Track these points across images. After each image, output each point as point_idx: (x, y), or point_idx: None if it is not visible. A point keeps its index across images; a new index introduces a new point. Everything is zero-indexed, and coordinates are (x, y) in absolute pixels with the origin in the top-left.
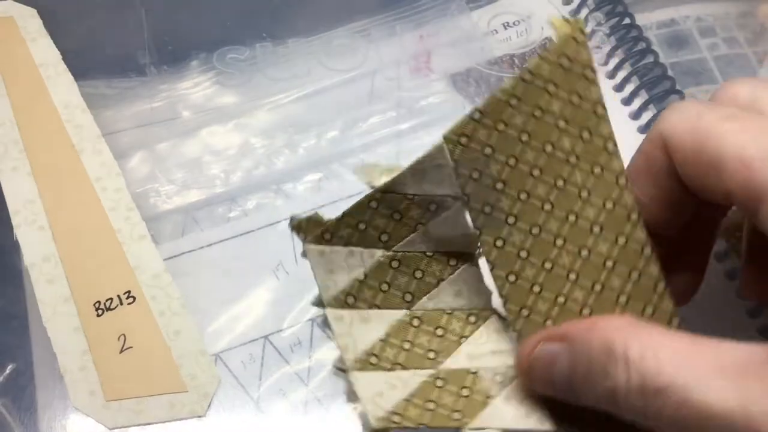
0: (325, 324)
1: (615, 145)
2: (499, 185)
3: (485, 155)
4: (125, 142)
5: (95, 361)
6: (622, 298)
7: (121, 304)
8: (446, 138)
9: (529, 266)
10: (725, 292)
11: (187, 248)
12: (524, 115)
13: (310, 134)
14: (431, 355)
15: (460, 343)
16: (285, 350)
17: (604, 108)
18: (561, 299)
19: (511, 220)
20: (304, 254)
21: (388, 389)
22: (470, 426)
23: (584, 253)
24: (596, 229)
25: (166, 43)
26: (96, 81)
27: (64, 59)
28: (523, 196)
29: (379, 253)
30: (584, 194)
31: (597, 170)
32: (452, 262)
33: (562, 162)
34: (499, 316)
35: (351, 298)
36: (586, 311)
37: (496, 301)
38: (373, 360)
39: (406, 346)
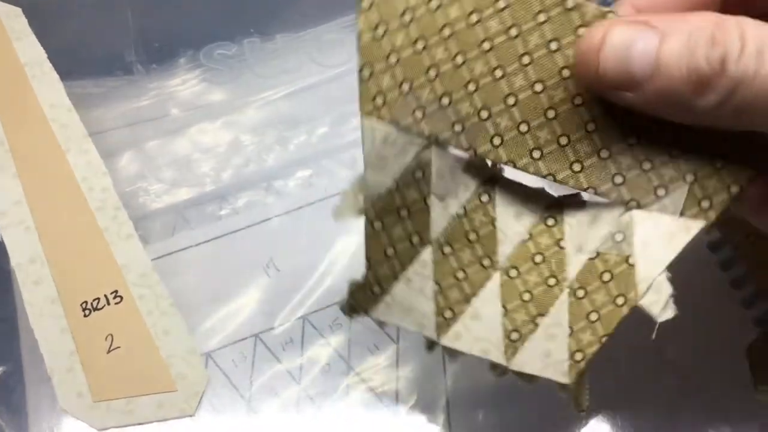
0: (451, 356)
1: None
2: (445, 100)
3: (408, 91)
4: (114, 142)
5: (83, 362)
6: None
7: (109, 304)
8: (366, 114)
9: (538, 128)
10: (719, 282)
11: (177, 247)
12: (399, 22)
13: (300, 130)
14: (552, 281)
15: (563, 248)
16: (277, 348)
17: None
18: (591, 125)
19: (484, 114)
20: (380, 324)
21: (550, 343)
22: (640, 297)
23: (565, 72)
24: (553, 45)
25: (152, 41)
26: (83, 81)
27: (51, 59)
28: (471, 86)
29: (426, 254)
30: (513, 30)
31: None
32: (484, 198)
33: (466, 24)
34: (567, 196)
35: (449, 312)
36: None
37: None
38: (515, 336)
39: (527, 297)
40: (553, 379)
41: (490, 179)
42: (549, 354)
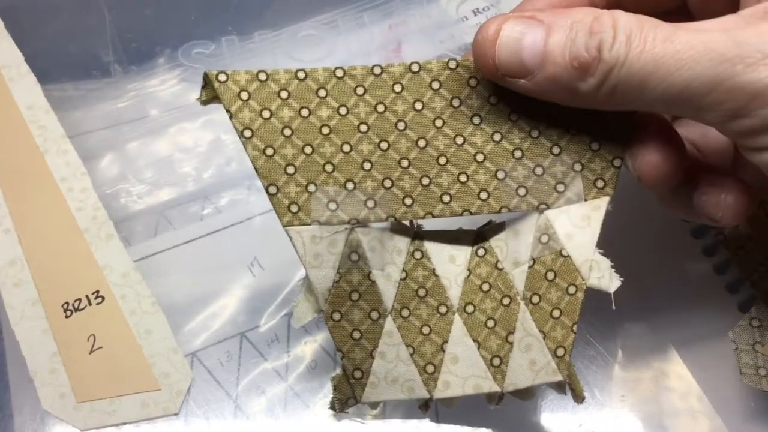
0: (448, 406)
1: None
2: (350, 185)
3: (315, 190)
4: (94, 144)
5: (65, 363)
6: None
7: (90, 304)
8: (288, 225)
9: (438, 175)
10: (704, 268)
11: (160, 248)
12: (282, 138)
13: None
14: (506, 300)
15: (501, 269)
16: (262, 346)
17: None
18: (479, 156)
19: (387, 183)
20: (373, 406)
21: (530, 353)
22: (587, 279)
23: (438, 122)
24: (418, 105)
25: (130, 41)
26: (62, 83)
27: (29, 61)
28: (366, 165)
29: (389, 325)
30: (380, 107)
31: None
32: (417, 255)
33: (339, 118)
34: (484, 225)
35: (430, 367)
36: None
37: (467, 220)
38: (497, 361)
39: (491, 324)
40: (548, 382)
41: (415, 237)
42: (534, 362)
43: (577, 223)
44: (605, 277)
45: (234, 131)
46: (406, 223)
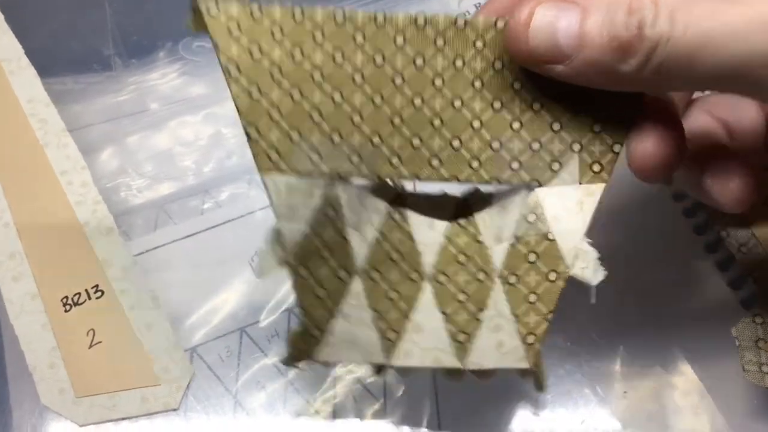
0: (403, 375)
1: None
2: (336, 137)
3: (299, 139)
4: (94, 137)
5: (64, 358)
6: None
7: (90, 298)
8: (265, 171)
9: (430, 137)
10: (706, 265)
11: (160, 242)
12: (270, 80)
13: None
14: (481, 276)
15: (481, 242)
16: (262, 342)
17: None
18: (476, 123)
19: (376, 140)
20: (326, 365)
21: (498, 333)
22: (571, 267)
23: (438, 82)
24: (419, 60)
25: (131, 34)
26: (62, 77)
27: (29, 54)
28: (356, 118)
29: (356, 285)
30: (378, 58)
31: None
32: (396, 216)
33: (333, 65)
34: (471, 193)
35: (392, 333)
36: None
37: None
38: (462, 337)
39: (462, 297)
40: (512, 367)
41: (396, 198)
42: (501, 344)
43: (568, 207)
44: (589, 269)
45: (235, 125)
46: (390, 182)
